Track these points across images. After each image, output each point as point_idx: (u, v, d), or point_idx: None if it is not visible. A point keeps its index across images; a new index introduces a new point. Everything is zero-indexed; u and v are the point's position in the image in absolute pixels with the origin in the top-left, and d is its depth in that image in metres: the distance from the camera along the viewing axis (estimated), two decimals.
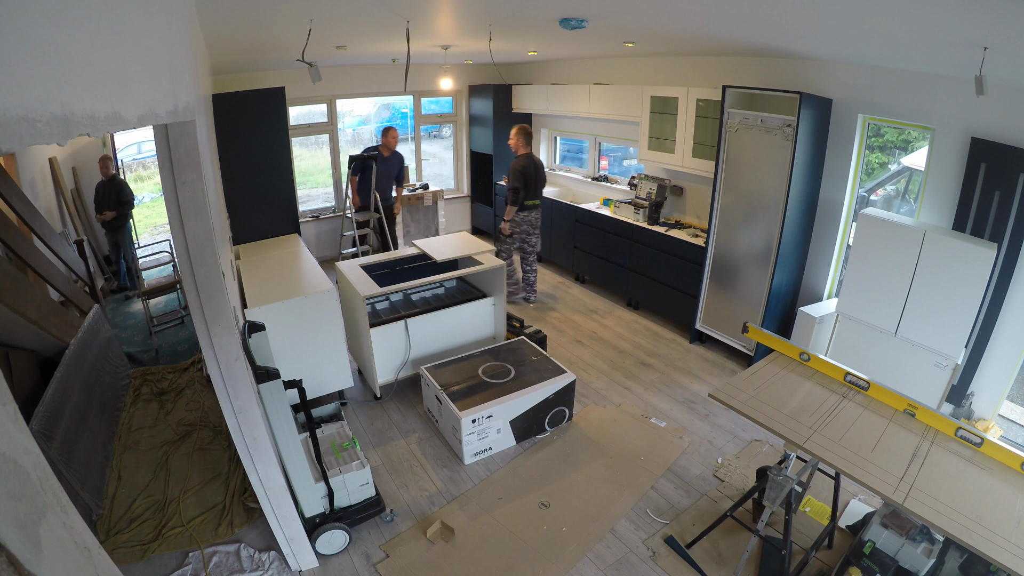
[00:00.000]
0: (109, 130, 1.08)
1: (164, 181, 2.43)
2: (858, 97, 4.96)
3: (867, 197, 5.48)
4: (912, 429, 2.96)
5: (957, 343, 4.22)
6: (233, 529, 3.73)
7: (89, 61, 0.98)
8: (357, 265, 5.40)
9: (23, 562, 0.50)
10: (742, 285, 5.61)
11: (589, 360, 5.90)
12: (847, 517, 3.79)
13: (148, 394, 5.24)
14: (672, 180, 6.86)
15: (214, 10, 3.43)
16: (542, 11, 4.03)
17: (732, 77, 5.75)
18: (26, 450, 0.58)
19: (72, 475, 3.60)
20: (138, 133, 11.95)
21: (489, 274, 5.53)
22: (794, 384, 3.36)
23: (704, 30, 4.63)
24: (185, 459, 4.39)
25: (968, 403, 4.59)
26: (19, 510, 0.53)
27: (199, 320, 2.71)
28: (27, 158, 6.22)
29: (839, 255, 5.46)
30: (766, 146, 5.10)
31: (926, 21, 3.07)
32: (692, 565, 3.44)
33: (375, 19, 4.21)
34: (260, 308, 4.26)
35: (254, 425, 2.97)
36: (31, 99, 0.70)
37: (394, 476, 4.25)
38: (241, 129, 5.67)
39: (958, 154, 4.36)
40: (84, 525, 0.68)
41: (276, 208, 6.08)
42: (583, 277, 8.09)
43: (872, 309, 4.64)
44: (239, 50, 5.56)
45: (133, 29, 1.36)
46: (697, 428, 4.77)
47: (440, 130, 10.88)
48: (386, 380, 5.14)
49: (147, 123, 1.44)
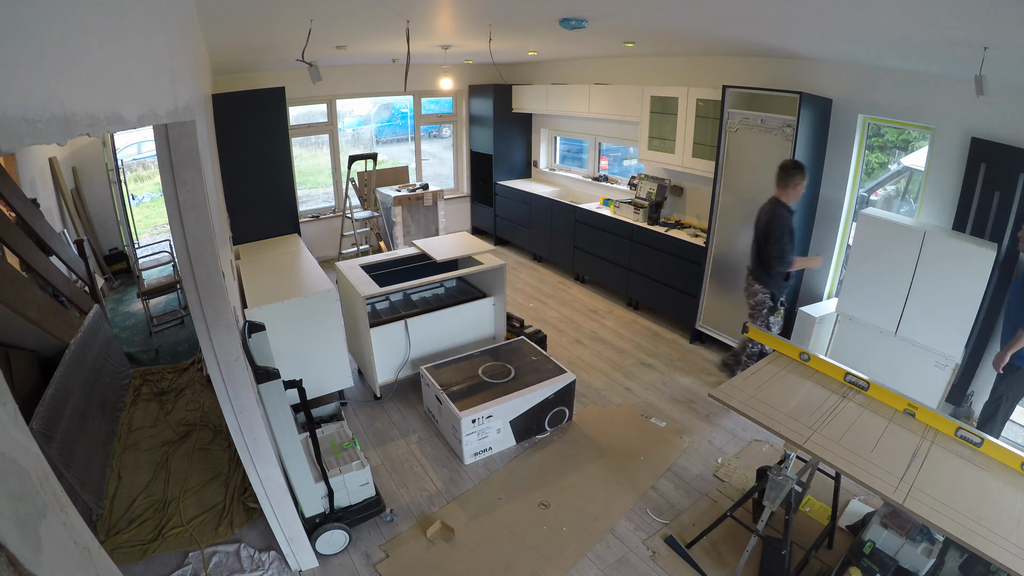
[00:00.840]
0: (109, 130, 1.08)
1: (164, 181, 2.43)
2: (858, 97, 4.96)
3: (867, 197, 5.48)
4: (912, 429, 2.96)
5: (957, 343, 4.22)
6: (233, 529, 3.73)
7: (89, 61, 0.98)
8: (357, 265, 5.40)
9: (23, 562, 0.50)
10: (742, 285, 5.60)
11: (589, 360, 5.90)
12: (847, 517, 3.78)
13: (148, 394, 5.24)
14: (672, 180, 6.86)
15: (214, 10, 3.43)
16: (542, 11, 4.03)
17: (732, 77, 5.74)
18: (26, 450, 0.58)
19: (72, 475, 3.59)
20: (138, 133, 11.95)
21: (489, 274, 5.53)
22: (794, 384, 3.36)
23: (704, 30, 4.63)
24: (185, 459, 4.39)
25: (968, 403, 4.59)
26: (19, 510, 0.53)
27: (199, 320, 2.71)
28: (27, 158, 6.21)
29: (839, 255, 5.45)
30: (766, 146, 5.10)
31: (926, 21, 3.07)
32: (692, 565, 3.44)
33: (375, 19, 4.21)
34: (260, 308, 4.26)
35: (254, 425, 2.98)
36: (31, 99, 0.70)
37: (394, 476, 4.25)
38: (241, 129, 5.67)
39: (958, 154, 4.36)
40: (84, 525, 0.68)
41: (276, 208, 6.09)
42: (583, 277, 8.09)
43: (872, 309, 4.64)
44: (239, 50, 5.57)
45: (133, 29, 1.36)
46: (697, 428, 4.76)
47: (440, 130, 10.88)
48: (386, 380, 5.14)
49: (147, 123, 1.44)
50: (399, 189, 8.45)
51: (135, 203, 11.10)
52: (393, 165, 9.50)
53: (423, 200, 8.38)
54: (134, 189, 12.06)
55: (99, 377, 4.73)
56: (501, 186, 9.24)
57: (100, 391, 4.63)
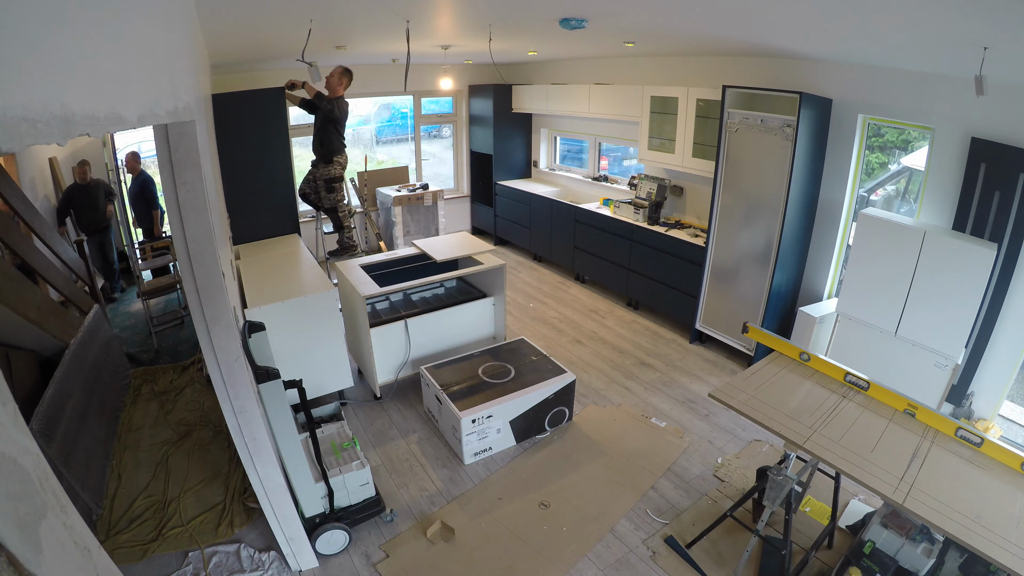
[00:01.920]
0: (109, 130, 1.08)
1: (164, 181, 2.43)
2: (858, 97, 4.96)
3: (867, 197, 5.48)
4: (912, 429, 2.96)
5: (957, 343, 4.22)
6: (233, 529, 3.73)
7: (89, 61, 0.98)
8: (357, 265, 5.40)
9: (23, 562, 0.50)
10: (742, 285, 5.61)
11: (589, 360, 5.90)
12: (847, 517, 3.79)
13: (148, 394, 5.24)
14: (672, 180, 6.86)
15: (214, 10, 3.43)
16: (542, 11, 4.03)
17: (732, 77, 5.74)
18: (26, 450, 0.58)
19: (72, 475, 3.59)
20: (138, 133, 11.93)
21: (489, 274, 5.53)
22: (794, 384, 3.36)
23: (704, 30, 4.63)
24: (185, 459, 4.39)
25: (968, 403, 4.59)
26: (19, 510, 0.53)
27: (199, 320, 2.71)
28: (27, 158, 6.22)
29: (839, 255, 5.46)
30: (766, 146, 5.10)
31: (926, 21, 3.07)
32: (692, 565, 3.45)
33: (375, 19, 4.21)
34: (260, 308, 4.26)
35: (254, 425, 2.98)
36: (31, 99, 0.70)
37: (394, 476, 4.25)
38: (241, 129, 5.66)
39: (958, 154, 4.36)
40: (84, 525, 0.68)
41: (276, 208, 6.08)
42: (583, 277, 8.09)
43: (872, 309, 4.64)
44: (239, 49, 5.56)
45: (133, 29, 1.36)
46: (697, 428, 4.77)
47: (440, 130, 10.87)
48: (386, 380, 5.14)
49: (147, 123, 1.44)
50: (399, 189, 8.45)
51: None
52: (393, 165, 9.49)
53: (423, 200, 8.38)
54: None
55: (99, 377, 4.73)
56: (501, 186, 9.24)
57: (100, 391, 4.63)
